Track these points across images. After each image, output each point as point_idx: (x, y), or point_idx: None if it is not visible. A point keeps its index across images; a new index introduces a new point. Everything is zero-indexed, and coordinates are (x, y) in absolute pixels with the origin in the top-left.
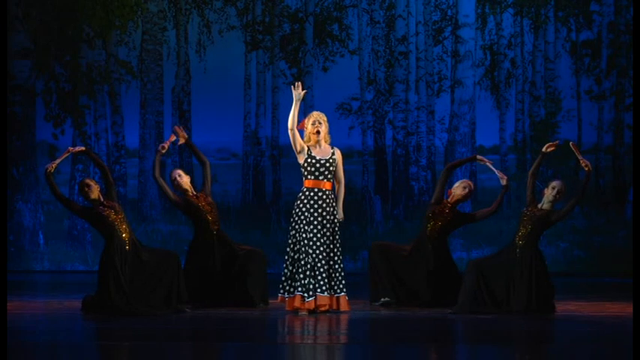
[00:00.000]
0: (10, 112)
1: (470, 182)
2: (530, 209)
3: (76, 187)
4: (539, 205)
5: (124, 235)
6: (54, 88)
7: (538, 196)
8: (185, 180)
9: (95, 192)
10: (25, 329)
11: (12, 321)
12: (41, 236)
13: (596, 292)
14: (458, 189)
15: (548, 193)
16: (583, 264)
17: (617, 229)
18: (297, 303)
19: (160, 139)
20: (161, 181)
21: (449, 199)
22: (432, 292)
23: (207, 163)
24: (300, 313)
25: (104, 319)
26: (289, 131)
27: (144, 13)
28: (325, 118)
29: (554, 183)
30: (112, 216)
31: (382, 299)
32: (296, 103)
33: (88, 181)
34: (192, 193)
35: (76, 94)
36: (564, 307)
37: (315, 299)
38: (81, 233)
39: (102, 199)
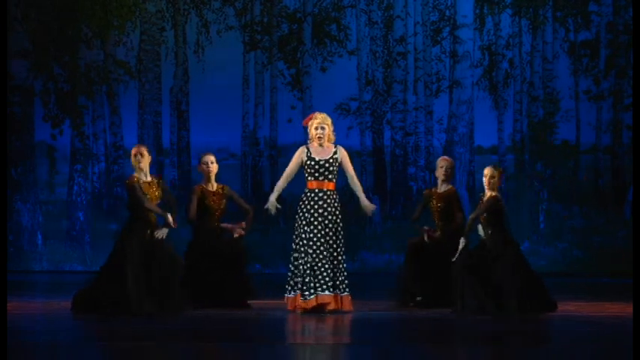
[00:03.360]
0: (8, 112)
1: (448, 159)
2: (482, 204)
3: (73, 187)
4: (483, 198)
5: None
6: (52, 89)
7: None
8: (212, 169)
9: (146, 162)
10: (25, 329)
11: (11, 321)
12: (40, 236)
13: (596, 293)
14: (441, 172)
15: (484, 182)
16: (582, 264)
17: (616, 230)
18: (297, 302)
19: (158, 139)
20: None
21: (436, 188)
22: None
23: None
24: (297, 311)
25: (103, 320)
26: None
27: (142, 13)
28: (329, 121)
29: (485, 170)
30: (153, 198)
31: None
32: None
33: (143, 149)
34: (212, 186)
35: (75, 95)
36: (564, 307)
37: (316, 298)
38: (79, 233)
39: (150, 177)
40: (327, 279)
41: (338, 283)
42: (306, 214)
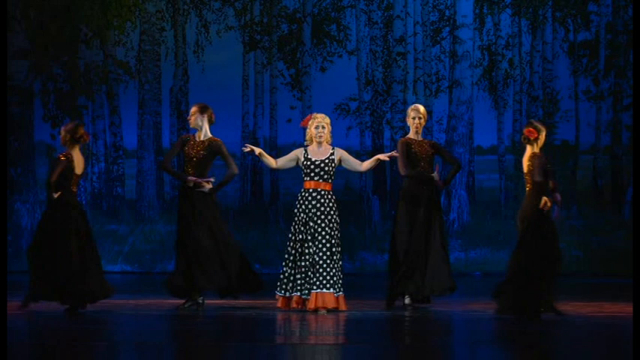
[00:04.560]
0: (8, 112)
1: (419, 109)
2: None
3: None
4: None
5: None
6: (52, 89)
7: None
8: (191, 120)
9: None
10: (25, 329)
11: (11, 321)
12: None
13: (595, 293)
14: (413, 120)
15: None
16: (581, 264)
17: (615, 230)
18: (293, 302)
19: (158, 139)
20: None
21: (408, 136)
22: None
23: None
24: (292, 310)
25: (103, 319)
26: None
27: (142, 13)
28: (328, 121)
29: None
30: None
31: None
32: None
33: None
34: (200, 136)
35: (74, 95)
36: (563, 307)
37: (312, 298)
38: None
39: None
40: (315, 279)
41: (333, 282)
42: (302, 214)
